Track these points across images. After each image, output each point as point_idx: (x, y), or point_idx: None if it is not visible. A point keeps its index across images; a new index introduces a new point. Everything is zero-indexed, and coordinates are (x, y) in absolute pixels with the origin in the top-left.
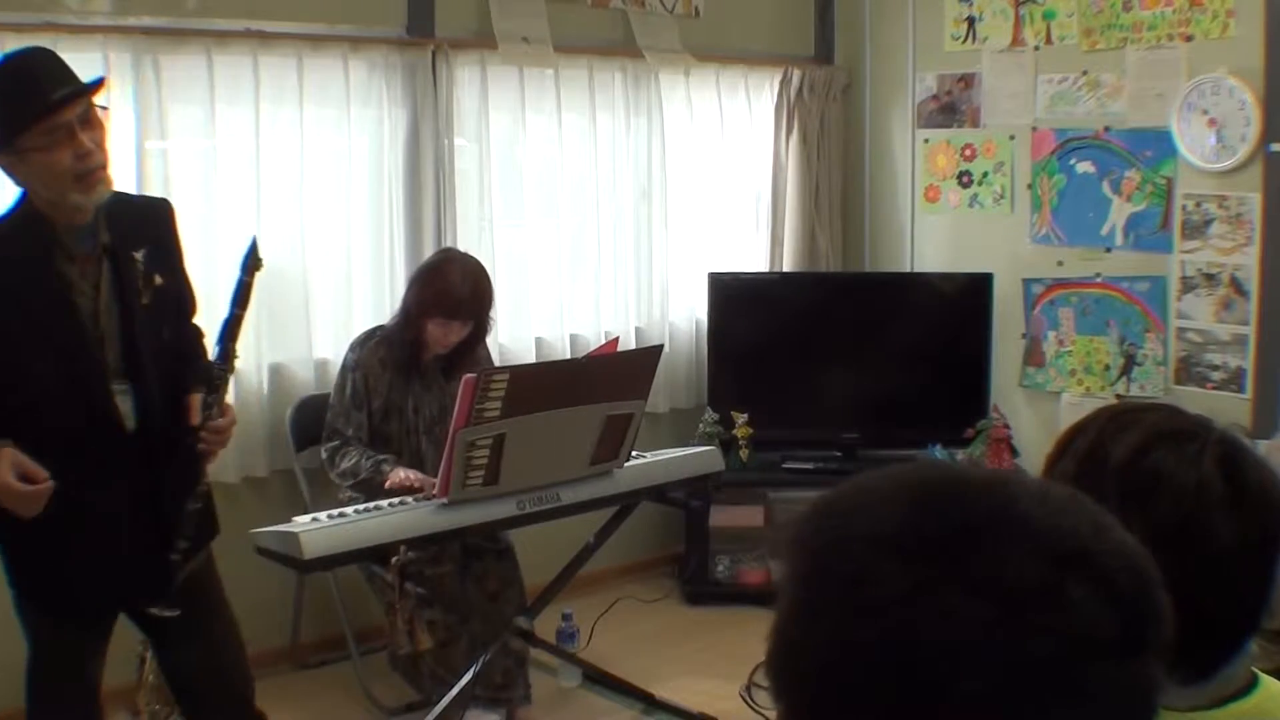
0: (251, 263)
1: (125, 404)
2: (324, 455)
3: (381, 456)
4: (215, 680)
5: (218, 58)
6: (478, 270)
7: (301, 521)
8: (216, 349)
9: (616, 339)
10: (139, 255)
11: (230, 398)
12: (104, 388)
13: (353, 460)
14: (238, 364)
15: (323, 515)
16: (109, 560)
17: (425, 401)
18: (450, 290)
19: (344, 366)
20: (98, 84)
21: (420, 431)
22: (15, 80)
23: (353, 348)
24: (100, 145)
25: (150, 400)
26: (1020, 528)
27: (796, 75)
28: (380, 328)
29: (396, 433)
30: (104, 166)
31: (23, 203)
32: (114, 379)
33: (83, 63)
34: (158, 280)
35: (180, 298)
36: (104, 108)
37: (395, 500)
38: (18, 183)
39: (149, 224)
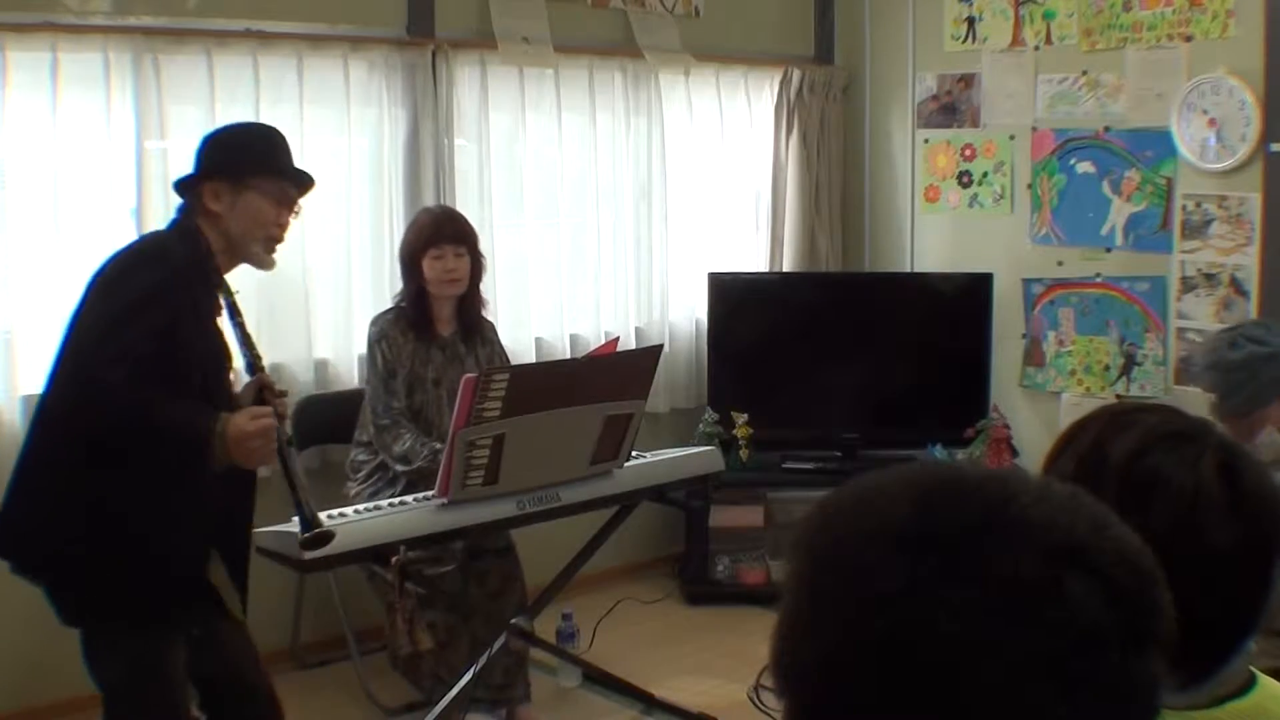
0: (226, 287)
1: None
2: (372, 434)
3: (438, 446)
4: (250, 675)
5: (218, 58)
6: (448, 206)
7: None
8: (240, 344)
9: (616, 339)
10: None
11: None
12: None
13: (407, 444)
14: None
15: (323, 515)
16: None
17: (447, 374)
18: (426, 222)
19: (370, 342)
20: (312, 185)
21: (444, 404)
22: (278, 141)
23: (374, 322)
24: (286, 229)
25: None
26: (1020, 524)
27: (796, 75)
28: (398, 306)
29: (420, 405)
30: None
31: (184, 233)
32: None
33: (83, 63)
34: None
35: None
36: (299, 210)
37: (395, 500)
38: (196, 211)
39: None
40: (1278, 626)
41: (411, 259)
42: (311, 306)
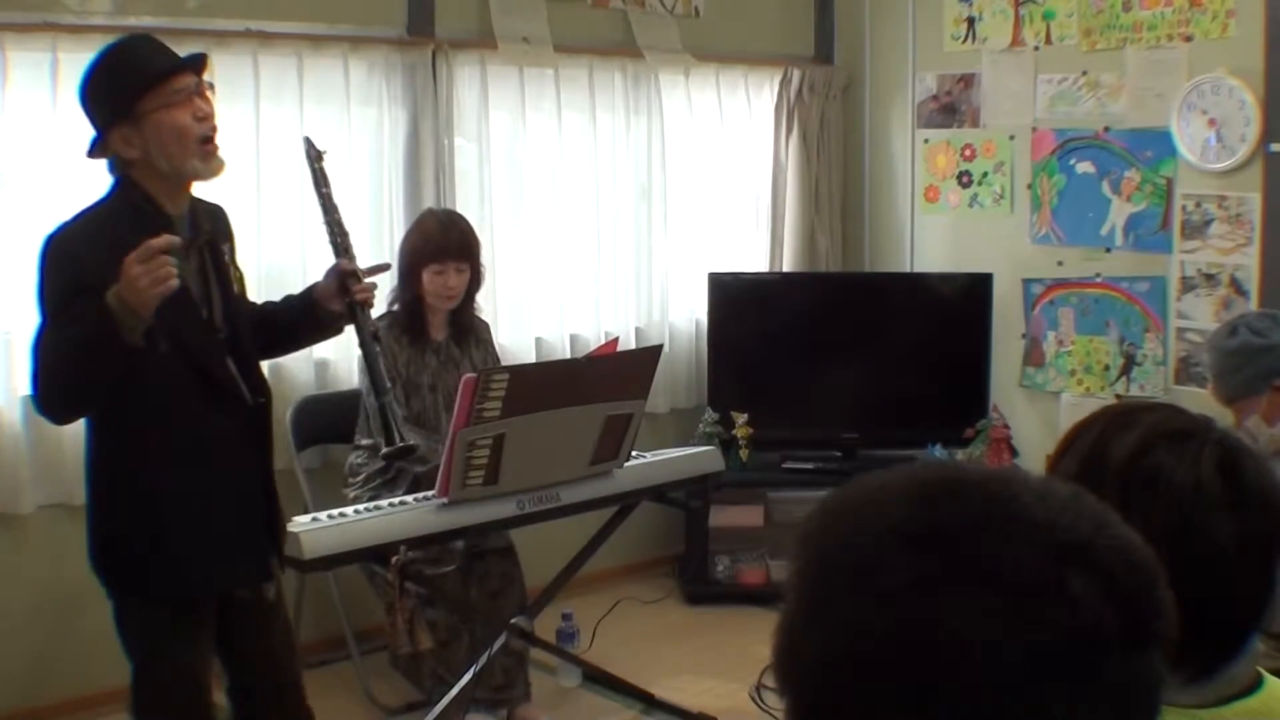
0: (312, 153)
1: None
2: (379, 440)
3: None
4: (278, 676)
5: (218, 58)
6: (454, 213)
7: (302, 521)
8: (325, 223)
9: (616, 339)
10: (225, 248)
11: None
12: (224, 362)
13: (421, 448)
14: None
15: (323, 515)
16: (243, 532)
17: (442, 379)
18: (432, 233)
19: None
20: (203, 60)
21: (441, 409)
22: (130, 52)
23: None
24: (212, 115)
25: (255, 378)
26: (1021, 522)
27: (796, 75)
28: (390, 310)
29: (418, 411)
30: (216, 136)
31: (120, 188)
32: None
33: (82, 63)
34: (237, 274)
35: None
36: (211, 85)
37: (395, 500)
38: (121, 164)
39: (222, 223)
40: (1277, 630)
41: (411, 269)
42: None
